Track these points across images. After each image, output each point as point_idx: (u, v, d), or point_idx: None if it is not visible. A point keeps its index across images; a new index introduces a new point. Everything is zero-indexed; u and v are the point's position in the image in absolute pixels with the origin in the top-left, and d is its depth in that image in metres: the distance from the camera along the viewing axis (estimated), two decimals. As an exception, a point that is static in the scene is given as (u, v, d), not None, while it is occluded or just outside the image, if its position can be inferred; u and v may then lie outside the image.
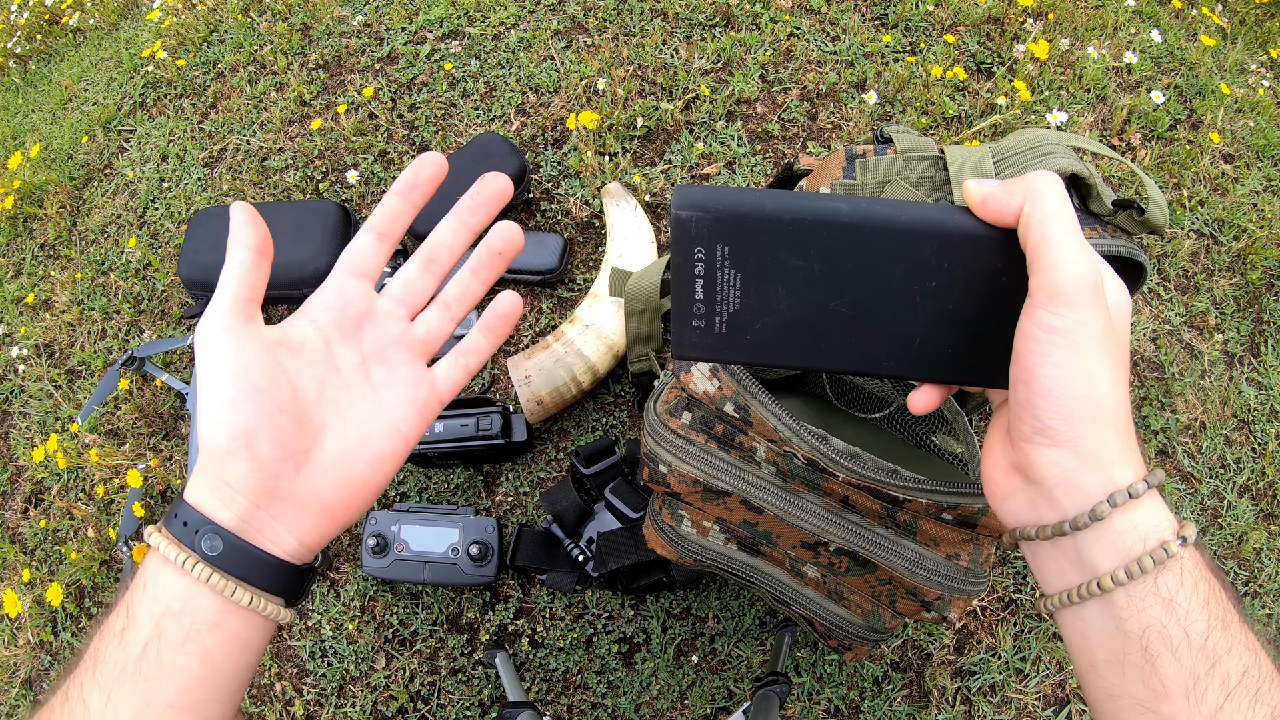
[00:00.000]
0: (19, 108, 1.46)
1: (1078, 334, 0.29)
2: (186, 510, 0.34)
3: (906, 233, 0.31)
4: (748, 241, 0.32)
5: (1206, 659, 0.28)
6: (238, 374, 0.34)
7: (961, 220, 0.31)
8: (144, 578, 0.34)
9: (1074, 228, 0.29)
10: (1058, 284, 0.28)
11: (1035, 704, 0.87)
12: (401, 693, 0.88)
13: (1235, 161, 1.16)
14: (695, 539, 0.63)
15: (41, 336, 1.14)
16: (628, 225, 1.02)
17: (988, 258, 0.32)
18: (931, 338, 0.33)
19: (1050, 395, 0.29)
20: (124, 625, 0.33)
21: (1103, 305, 0.29)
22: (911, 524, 0.53)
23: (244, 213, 0.37)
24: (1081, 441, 0.29)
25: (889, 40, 1.17)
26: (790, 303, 0.33)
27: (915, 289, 0.32)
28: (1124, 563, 0.29)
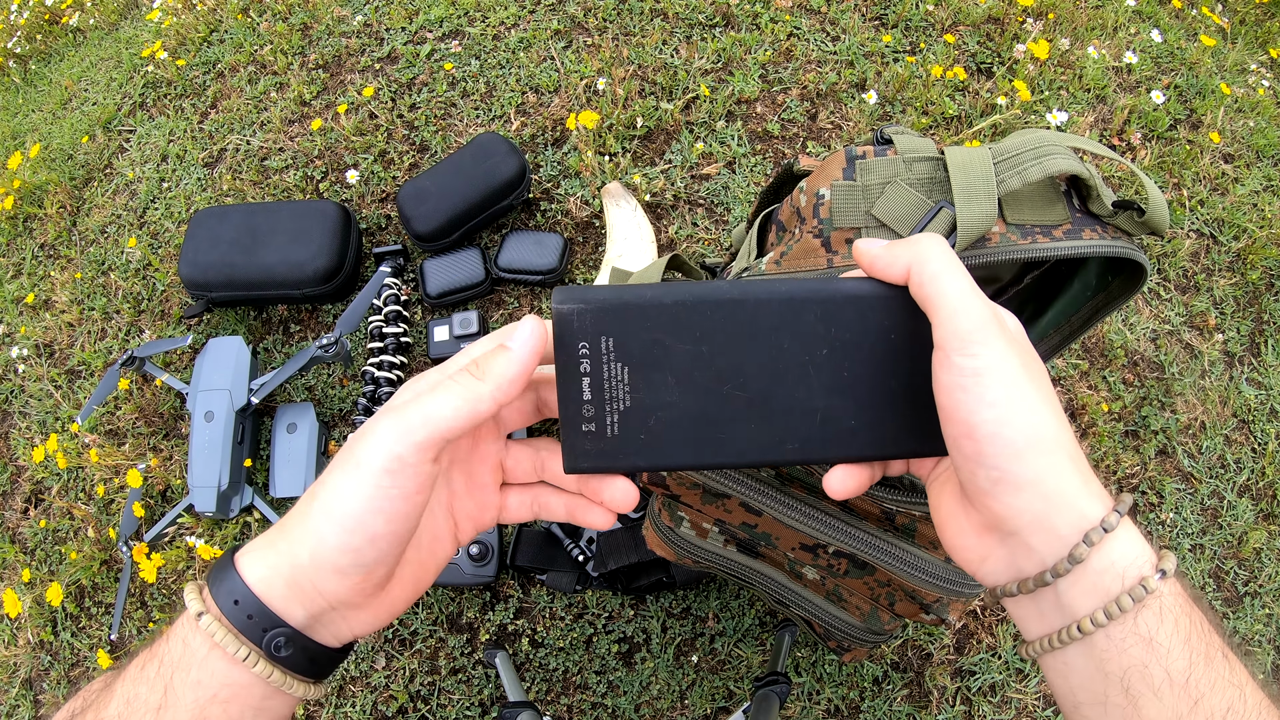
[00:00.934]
0: (19, 108, 1.46)
1: (1001, 369, 0.28)
2: (254, 603, 0.32)
3: (786, 303, 0.31)
4: (631, 330, 0.31)
5: (1189, 697, 0.28)
6: (398, 515, 0.31)
7: (841, 284, 0.31)
8: (188, 658, 0.32)
9: (963, 275, 0.30)
10: (964, 327, 0.29)
11: (1035, 704, 0.87)
12: (401, 693, 0.88)
13: (1235, 161, 1.16)
14: (695, 540, 0.63)
15: (41, 336, 1.14)
16: (628, 225, 1.02)
17: (872, 316, 0.31)
18: (833, 409, 0.32)
19: (997, 438, 0.28)
20: (160, 703, 0.32)
21: (1012, 338, 0.29)
22: (910, 527, 0.53)
23: (533, 360, 0.32)
24: (1043, 478, 0.29)
25: (889, 40, 1.17)
26: (682, 392, 0.32)
27: (807, 359, 0.32)
28: (1103, 604, 0.29)
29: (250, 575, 0.32)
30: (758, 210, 0.56)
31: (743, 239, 0.58)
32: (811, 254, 0.43)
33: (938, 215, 0.40)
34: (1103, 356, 1.03)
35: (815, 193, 0.44)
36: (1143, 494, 0.97)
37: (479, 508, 0.38)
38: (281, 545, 0.32)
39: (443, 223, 1.00)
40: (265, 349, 1.05)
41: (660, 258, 0.92)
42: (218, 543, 0.95)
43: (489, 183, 1.00)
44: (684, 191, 1.07)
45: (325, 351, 0.93)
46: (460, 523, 0.38)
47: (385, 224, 1.10)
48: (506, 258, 1.01)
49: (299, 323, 1.06)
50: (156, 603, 0.96)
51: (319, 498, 0.32)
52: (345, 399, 1.01)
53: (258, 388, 0.95)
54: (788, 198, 0.48)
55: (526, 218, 1.08)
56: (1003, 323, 0.30)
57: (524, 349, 0.31)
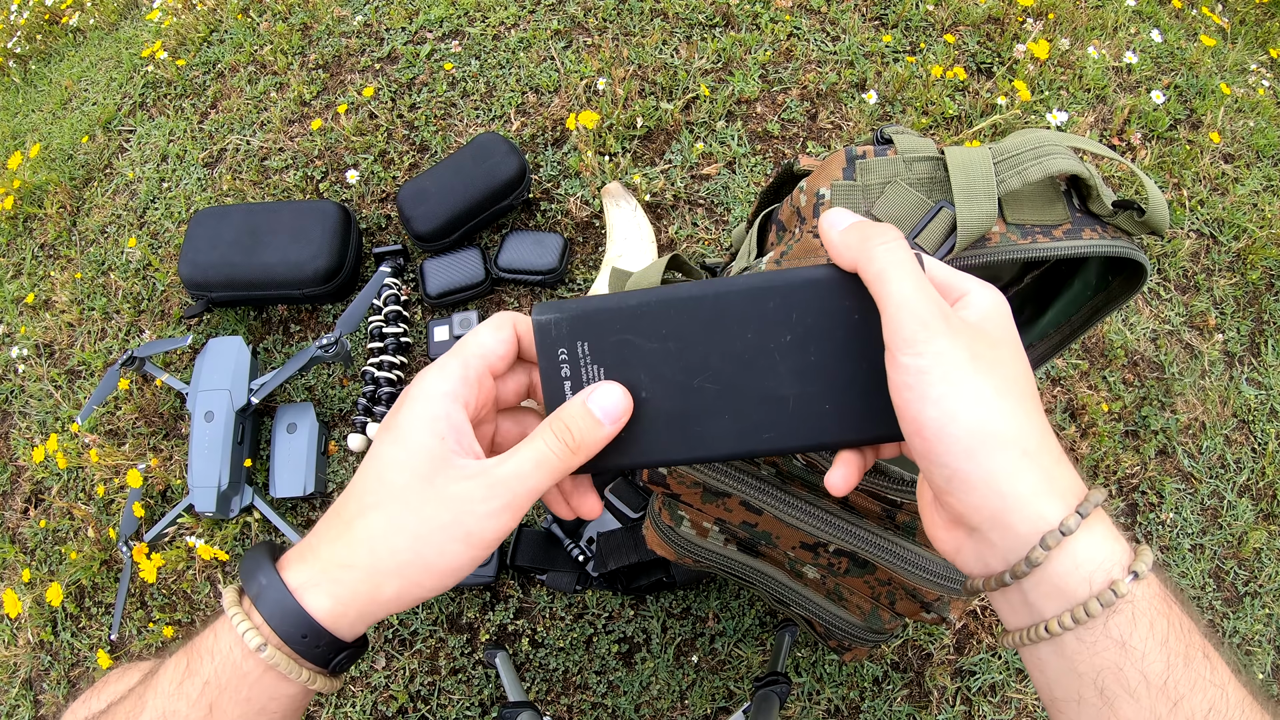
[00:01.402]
0: (19, 108, 1.46)
1: (943, 365, 0.28)
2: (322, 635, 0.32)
3: (747, 292, 0.32)
4: (604, 335, 0.33)
5: (1168, 699, 0.27)
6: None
7: (798, 271, 0.32)
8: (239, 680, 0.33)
9: (907, 270, 0.29)
10: (906, 325, 0.28)
11: (1035, 704, 0.87)
12: (401, 693, 0.88)
13: (1235, 161, 1.16)
14: (695, 540, 0.63)
15: (41, 336, 1.14)
16: (628, 225, 1.02)
17: (830, 300, 0.32)
18: (804, 396, 0.33)
19: (943, 435, 0.28)
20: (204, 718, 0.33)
21: (960, 330, 0.29)
22: (910, 525, 0.53)
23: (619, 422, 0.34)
24: (994, 475, 0.28)
25: (889, 40, 1.17)
26: (656, 388, 0.34)
27: (772, 347, 0.32)
28: (1069, 608, 0.28)
29: (319, 608, 0.32)
30: (758, 210, 0.56)
31: (743, 239, 0.58)
32: (811, 254, 0.43)
33: (938, 215, 0.40)
34: (1103, 356, 1.03)
35: (815, 192, 0.44)
36: (1142, 494, 0.97)
37: None
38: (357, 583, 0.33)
39: (443, 223, 1.00)
40: (265, 349, 1.05)
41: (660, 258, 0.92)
42: (218, 543, 0.95)
43: (489, 183, 1.00)
44: (684, 191, 1.07)
45: (325, 351, 0.93)
46: None
47: (385, 224, 1.10)
48: (506, 258, 1.01)
49: (299, 323, 1.06)
50: (156, 603, 0.96)
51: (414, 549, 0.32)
52: (345, 399, 1.01)
53: (258, 388, 0.95)
54: (788, 198, 0.48)
55: (526, 218, 1.08)
56: (946, 315, 0.29)
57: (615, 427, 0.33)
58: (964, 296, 0.31)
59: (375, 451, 0.33)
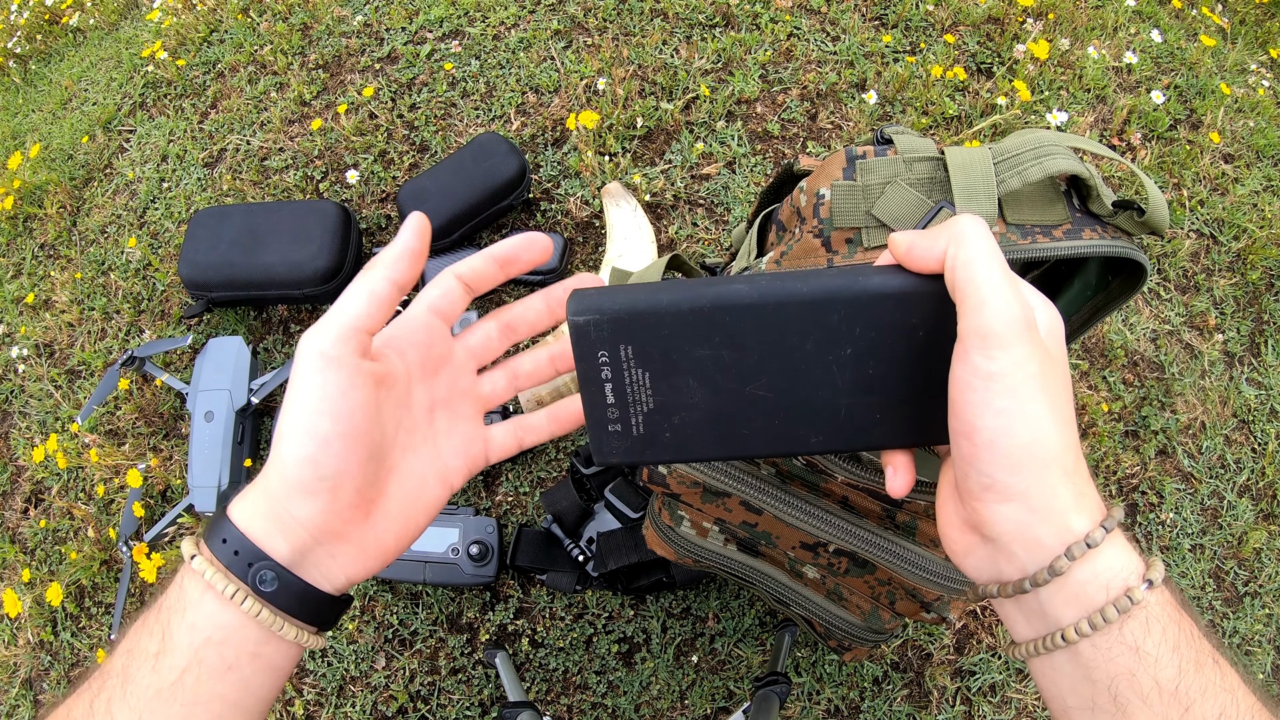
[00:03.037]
0: (19, 108, 1.46)
1: (1015, 376, 0.27)
2: (238, 538, 0.32)
3: (810, 304, 0.30)
4: (649, 338, 0.31)
5: (1179, 704, 0.28)
6: (341, 413, 0.32)
7: (865, 281, 0.30)
8: (182, 600, 0.32)
9: (1000, 265, 0.28)
10: (989, 324, 0.27)
11: (1035, 704, 0.87)
12: (401, 693, 0.88)
13: (1235, 161, 1.16)
14: (695, 540, 0.63)
15: (41, 336, 1.14)
16: (628, 225, 1.02)
17: (897, 314, 0.30)
18: (857, 405, 0.32)
19: (994, 446, 0.28)
20: (159, 649, 0.32)
21: (1038, 341, 0.28)
22: (910, 525, 0.53)
23: (415, 240, 0.35)
24: (1032, 492, 0.28)
25: (889, 40, 1.17)
26: (704, 394, 0.32)
27: (831, 359, 0.31)
28: (1086, 614, 0.29)
29: (236, 515, 0.33)
30: (758, 210, 0.56)
31: (743, 239, 0.58)
32: (812, 254, 0.43)
33: (938, 215, 0.40)
34: (1103, 356, 1.03)
35: (815, 193, 0.44)
36: (1143, 494, 0.97)
37: (465, 444, 0.39)
38: (260, 482, 0.33)
39: (443, 223, 1.00)
40: (265, 349, 1.05)
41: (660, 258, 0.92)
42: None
43: (489, 183, 1.00)
44: (684, 191, 1.07)
45: (325, 351, 0.93)
46: (449, 461, 0.38)
47: (385, 224, 1.10)
48: (506, 258, 1.01)
49: (299, 323, 1.06)
50: (156, 603, 0.96)
51: (277, 426, 0.33)
52: (345, 399, 1.01)
53: (258, 388, 0.95)
54: (788, 198, 0.48)
55: (526, 218, 1.08)
56: (1031, 323, 0.28)
57: (403, 234, 0.35)
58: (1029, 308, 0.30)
59: None
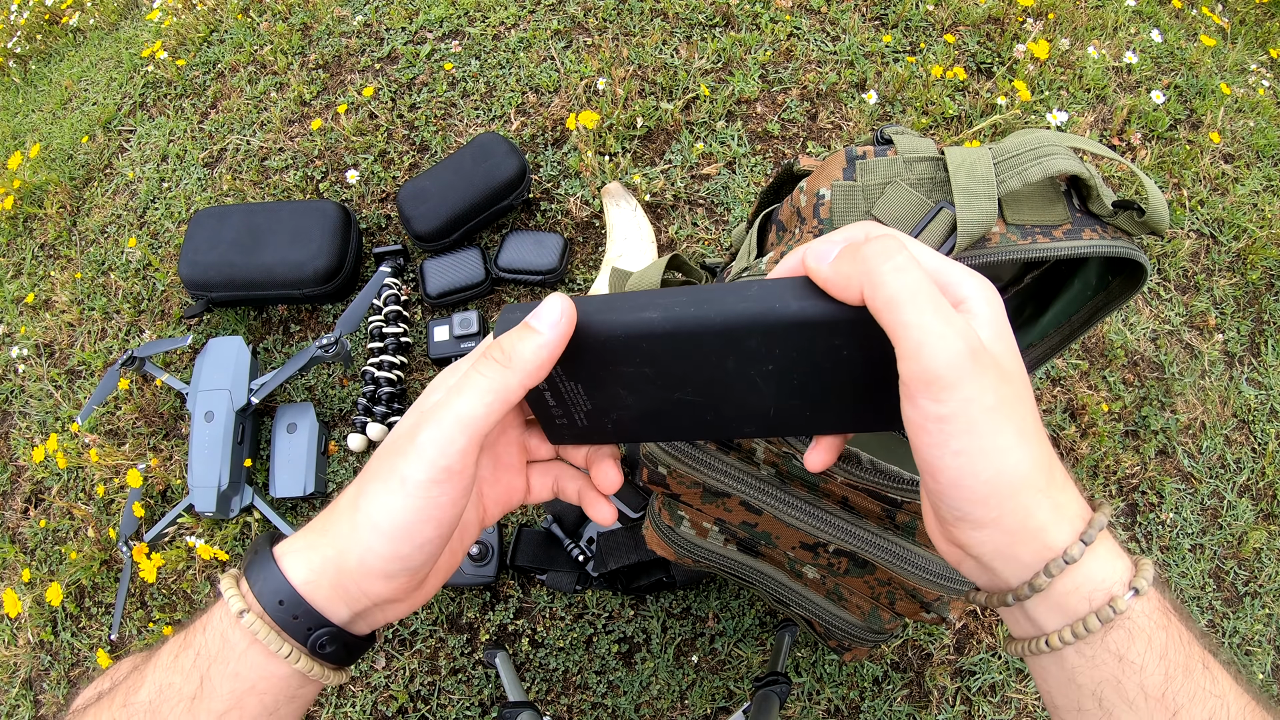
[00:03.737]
0: (19, 108, 1.46)
1: (968, 414, 0.26)
2: (300, 604, 0.32)
3: (724, 330, 0.30)
4: (574, 358, 0.32)
5: (1166, 710, 0.28)
6: (447, 522, 0.32)
7: (780, 308, 0.29)
8: (226, 651, 0.32)
9: (925, 294, 0.26)
10: (929, 369, 0.25)
11: (1035, 704, 0.87)
12: (401, 693, 0.88)
13: (1235, 161, 1.16)
14: (695, 540, 0.63)
15: (41, 336, 1.14)
16: (628, 225, 1.02)
17: (818, 340, 0.30)
18: (785, 408, 0.33)
19: (959, 485, 0.27)
20: (195, 694, 0.32)
21: (986, 366, 0.26)
22: (910, 525, 0.53)
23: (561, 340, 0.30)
24: (1004, 519, 0.28)
25: (889, 40, 1.17)
26: (635, 399, 0.33)
27: (753, 373, 0.31)
28: (1069, 623, 0.29)
29: (295, 575, 0.32)
30: (758, 210, 0.56)
31: (743, 239, 0.58)
32: (812, 254, 0.43)
33: (938, 215, 0.40)
34: (1103, 356, 1.03)
35: (815, 193, 0.44)
36: (1143, 494, 0.97)
37: (506, 490, 0.38)
38: (326, 550, 0.33)
39: (443, 223, 1.00)
40: (265, 349, 1.05)
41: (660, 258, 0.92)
42: (218, 543, 0.95)
43: (489, 183, 1.00)
44: (684, 191, 1.07)
45: (325, 351, 0.93)
46: (488, 506, 0.38)
47: (385, 224, 1.10)
48: (506, 258, 1.01)
49: (299, 323, 1.06)
50: (156, 603, 0.96)
51: (363, 510, 0.32)
52: (345, 399, 1.01)
53: (258, 388, 0.95)
54: (788, 198, 0.48)
55: (526, 218, 1.08)
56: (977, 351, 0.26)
57: (553, 332, 0.30)
58: (963, 303, 0.28)
59: None
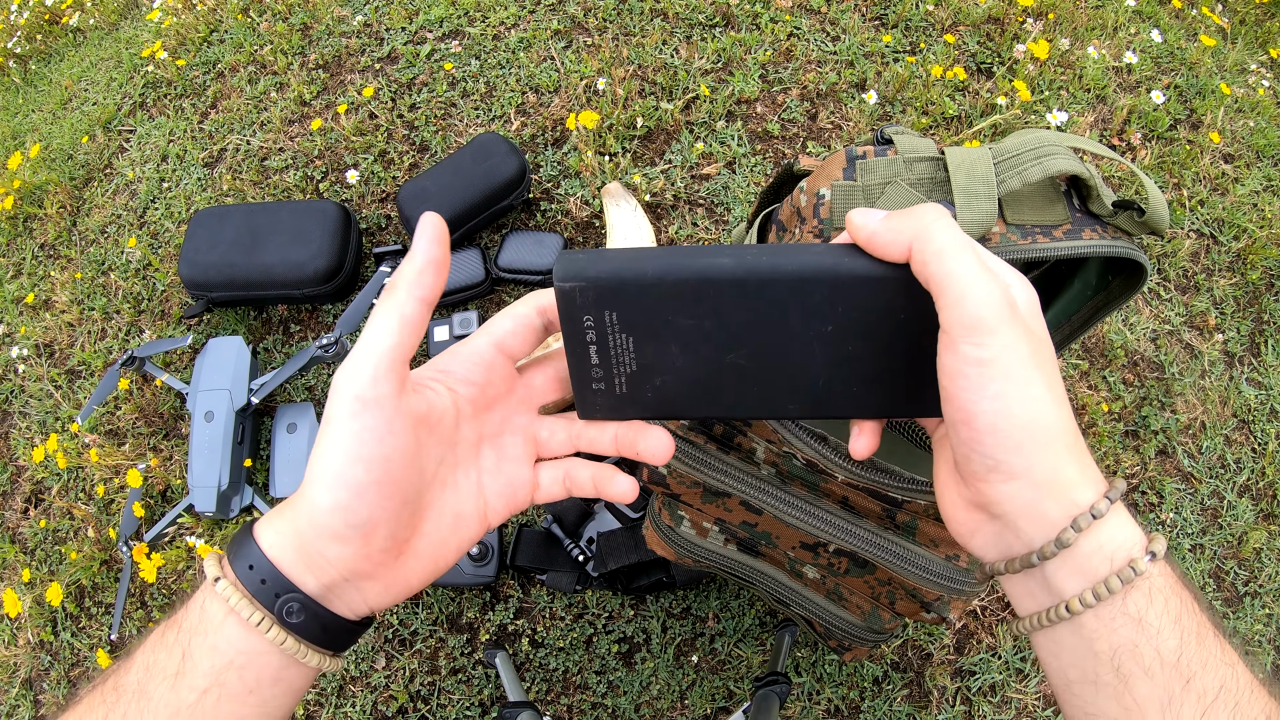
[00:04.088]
0: (19, 108, 1.46)
1: (1006, 360, 0.27)
2: (265, 566, 0.32)
3: (794, 281, 0.30)
4: (634, 306, 0.32)
5: (1180, 676, 0.28)
6: (377, 460, 0.31)
7: (850, 263, 0.30)
8: (205, 623, 0.32)
9: (971, 252, 0.28)
10: (972, 314, 0.27)
11: (1035, 704, 0.88)
12: (401, 693, 0.88)
13: (1235, 161, 1.16)
14: (695, 540, 0.63)
15: (41, 336, 1.14)
16: (628, 225, 1.02)
17: (881, 297, 0.31)
18: (835, 379, 0.33)
19: (995, 430, 0.28)
20: (179, 669, 0.32)
21: (1021, 322, 0.28)
22: (911, 525, 0.53)
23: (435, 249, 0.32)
24: (1036, 469, 0.29)
25: (889, 40, 1.17)
26: (686, 359, 0.33)
27: (812, 335, 0.32)
28: (1091, 585, 0.29)
29: (264, 542, 0.33)
30: (758, 210, 0.56)
31: (743, 239, 0.58)
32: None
33: (938, 215, 0.40)
34: (1103, 356, 1.03)
35: (815, 193, 0.44)
36: (1143, 494, 0.97)
37: (510, 485, 0.37)
38: (289, 513, 0.33)
39: (443, 223, 1.00)
40: (265, 349, 1.05)
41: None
42: (218, 543, 0.95)
43: (489, 183, 1.00)
44: (684, 191, 1.07)
45: (325, 351, 0.93)
46: (490, 500, 0.37)
47: (385, 224, 1.10)
48: (506, 258, 1.01)
49: (299, 323, 1.06)
50: (156, 603, 0.96)
51: (309, 465, 0.32)
52: (345, 399, 1.00)
53: (258, 388, 0.95)
54: (788, 198, 0.48)
55: (526, 218, 1.08)
56: (1014, 304, 0.28)
57: (420, 244, 0.32)
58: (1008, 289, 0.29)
59: None
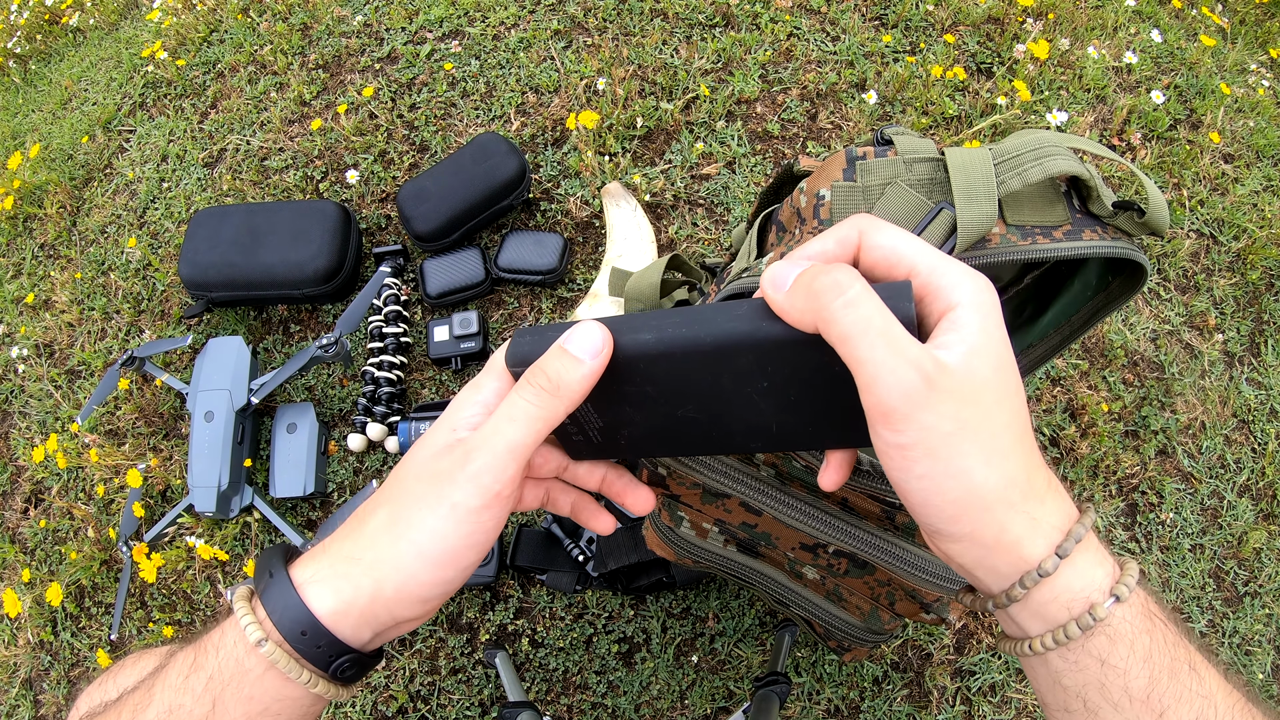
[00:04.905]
0: (19, 108, 1.46)
1: (928, 441, 0.27)
2: (323, 634, 0.32)
3: (715, 350, 0.30)
4: None
5: (1151, 711, 0.28)
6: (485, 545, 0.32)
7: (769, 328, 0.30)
8: (242, 676, 0.32)
9: (877, 330, 0.26)
10: (884, 402, 0.26)
11: (1035, 704, 0.88)
12: (401, 693, 0.88)
13: (1235, 161, 1.16)
14: (694, 540, 0.63)
15: (41, 336, 1.14)
16: (628, 225, 1.02)
17: (806, 355, 0.30)
18: (786, 422, 0.33)
19: (927, 505, 0.28)
20: (208, 716, 0.32)
21: (946, 393, 0.26)
22: (910, 526, 0.53)
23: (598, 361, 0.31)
24: (978, 534, 0.28)
25: (889, 40, 1.17)
26: (643, 416, 0.35)
27: (749, 390, 0.32)
28: (1050, 630, 0.29)
29: (321, 605, 0.32)
30: (758, 210, 0.56)
31: (743, 239, 0.58)
32: (812, 254, 0.43)
33: (938, 216, 0.40)
34: (1103, 356, 1.03)
35: (815, 193, 0.44)
36: (1143, 494, 0.97)
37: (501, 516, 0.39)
38: (359, 578, 0.32)
39: (443, 223, 1.00)
40: (265, 349, 1.05)
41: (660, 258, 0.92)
42: (218, 543, 0.95)
43: (489, 183, 1.00)
44: (684, 191, 1.07)
45: (325, 351, 0.93)
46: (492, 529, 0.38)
47: (385, 224, 1.10)
48: (506, 258, 1.01)
49: (299, 323, 1.06)
50: (156, 603, 0.96)
51: (407, 537, 0.32)
52: (345, 399, 1.01)
53: (258, 388, 0.95)
54: (788, 198, 0.48)
55: (526, 218, 1.08)
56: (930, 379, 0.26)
57: (595, 361, 0.31)
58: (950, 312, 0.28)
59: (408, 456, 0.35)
